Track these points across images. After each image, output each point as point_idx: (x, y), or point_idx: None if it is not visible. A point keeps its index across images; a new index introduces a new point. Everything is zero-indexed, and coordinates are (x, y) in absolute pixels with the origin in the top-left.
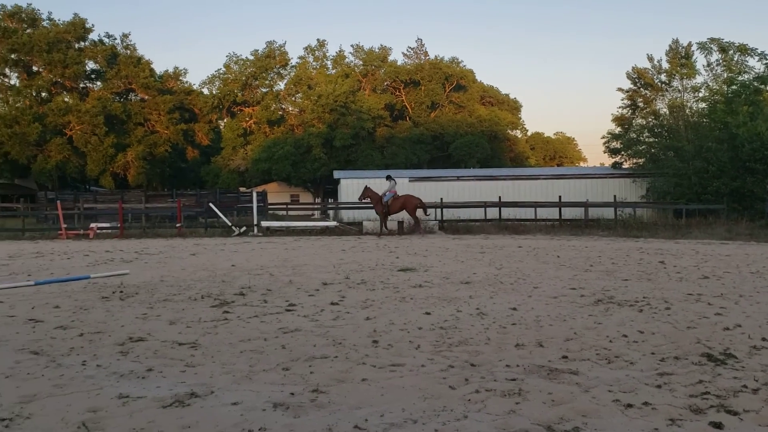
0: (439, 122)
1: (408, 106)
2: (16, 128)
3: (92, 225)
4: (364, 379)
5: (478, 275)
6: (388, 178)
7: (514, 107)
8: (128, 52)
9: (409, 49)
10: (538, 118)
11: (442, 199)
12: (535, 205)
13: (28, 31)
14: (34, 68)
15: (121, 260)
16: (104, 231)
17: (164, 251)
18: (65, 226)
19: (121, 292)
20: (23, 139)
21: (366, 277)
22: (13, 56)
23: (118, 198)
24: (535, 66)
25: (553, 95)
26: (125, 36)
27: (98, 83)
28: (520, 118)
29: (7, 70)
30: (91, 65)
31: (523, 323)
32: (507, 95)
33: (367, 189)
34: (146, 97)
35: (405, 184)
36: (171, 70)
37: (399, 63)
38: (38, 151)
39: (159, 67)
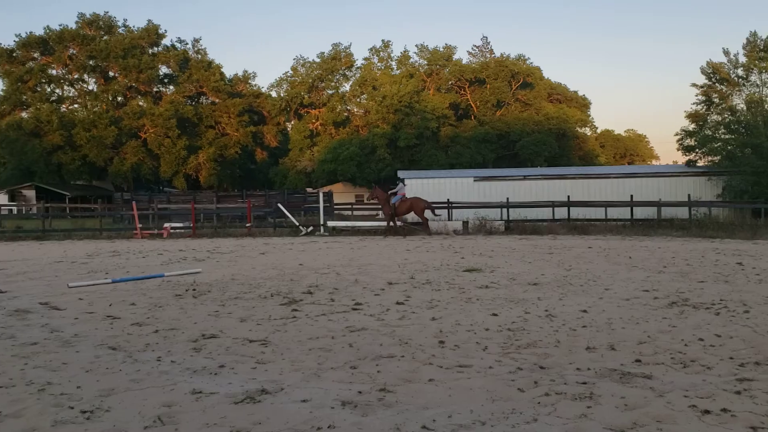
0: (505, 120)
1: (473, 105)
2: (94, 132)
3: (166, 225)
4: (431, 380)
5: (547, 276)
6: (400, 180)
7: (583, 104)
8: (199, 56)
9: (475, 48)
10: (609, 116)
11: (508, 198)
12: (606, 204)
13: (105, 38)
14: (111, 74)
15: (194, 259)
16: (177, 231)
17: (235, 250)
18: (140, 225)
19: (194, 290)
20: (100, 142)
21: (431, 277)
22: (91, 62)
23: (191, 199)
24: (605, 61)
25: (624, 91)
26: (196, 41)
27: (171, 87)
28: (590, 116)
29: (85, 76)
30: (164, 70)
31: (594, 326)
32: (575, 92)
33: (375, 189)
34: (217, 101)
35: (469, 184)
36: (240, 73)
37: (464, 62)
38: (114, 154)
39: (229, 71)
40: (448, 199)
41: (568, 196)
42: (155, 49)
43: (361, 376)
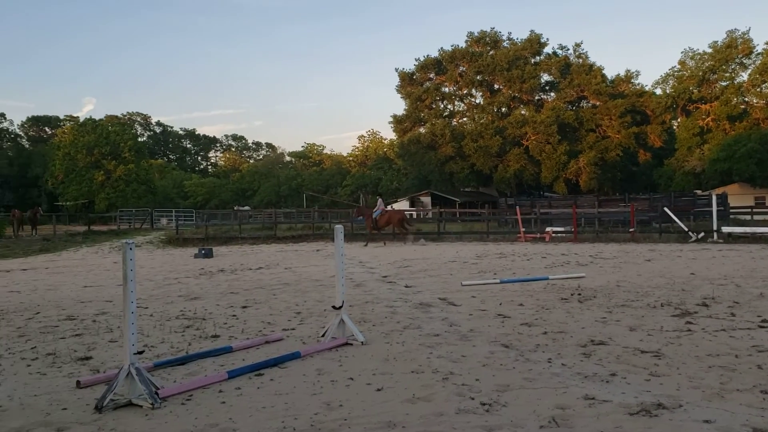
0: None
1: None
2: (481, 142)
3: (548, 229)
4: None
5: None
6: (379, 195)
7: None
8: (580, 60)
9: None
10: None
11: None
12: None
13: (491, 53)
14: (496, 86)
15: (576, 263)
16: (559, 235)
17: (618, 256)
18: (523, 229)
19: (579, 294)
20: (486, 151)
21: None
22: (478, 77)
23: (571, 203)
24: None
25: None
26: (577, 45)
27: (551, 94)
28: None
29: (473, 91)
30: (545, 77)
31: None
32: None
33: (359, 208)
34: (597, 103)
35: None
36: (622, 73)
37: None
38: (499, 162)
39: (610, 72)
40: None
41: None
42: (537, 58)
43: None
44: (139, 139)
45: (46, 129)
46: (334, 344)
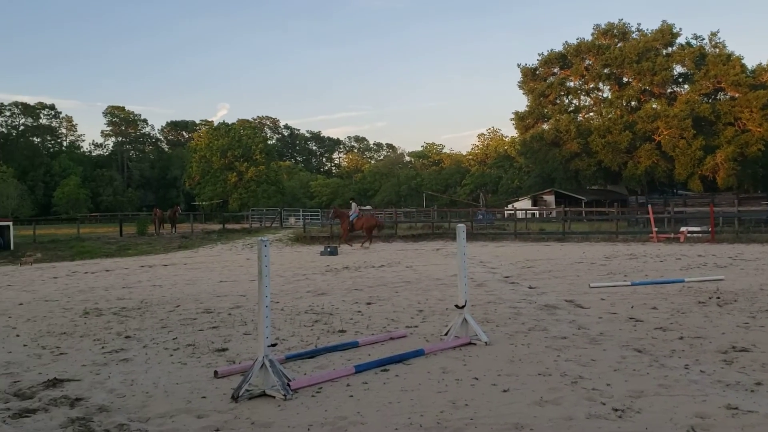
0: None
1: None
2: (609, 138)
3: (682, 229)
4: None
5: None
6: (352, 199)
7: None
8: (716, 50)
9: None
10: None
11: None
12: None
13: (618, 45)
14: (624, 79)
15: (715, 265)
16: (694, 235)
17: (761, 257)
18: (656, 229)
19: (718, 298)
20: (615, 147)
21: None
22: (605, 71)
23: (708, 201)
24: None
25: None
26: (713, 34)
27: (685, 86)
28: None
29: (600, 85)
30: (678, 69)
31: None
32: None
33: (335, 209)
34: (736, 95)
35: None
36: (764, 62)
37: None
38: (628, 158)
39: (750, 62)
40: None
41: None
42: (669, 49)
43: None
44: (269, 142)
45: (184, 133)
46: (458, 343)
